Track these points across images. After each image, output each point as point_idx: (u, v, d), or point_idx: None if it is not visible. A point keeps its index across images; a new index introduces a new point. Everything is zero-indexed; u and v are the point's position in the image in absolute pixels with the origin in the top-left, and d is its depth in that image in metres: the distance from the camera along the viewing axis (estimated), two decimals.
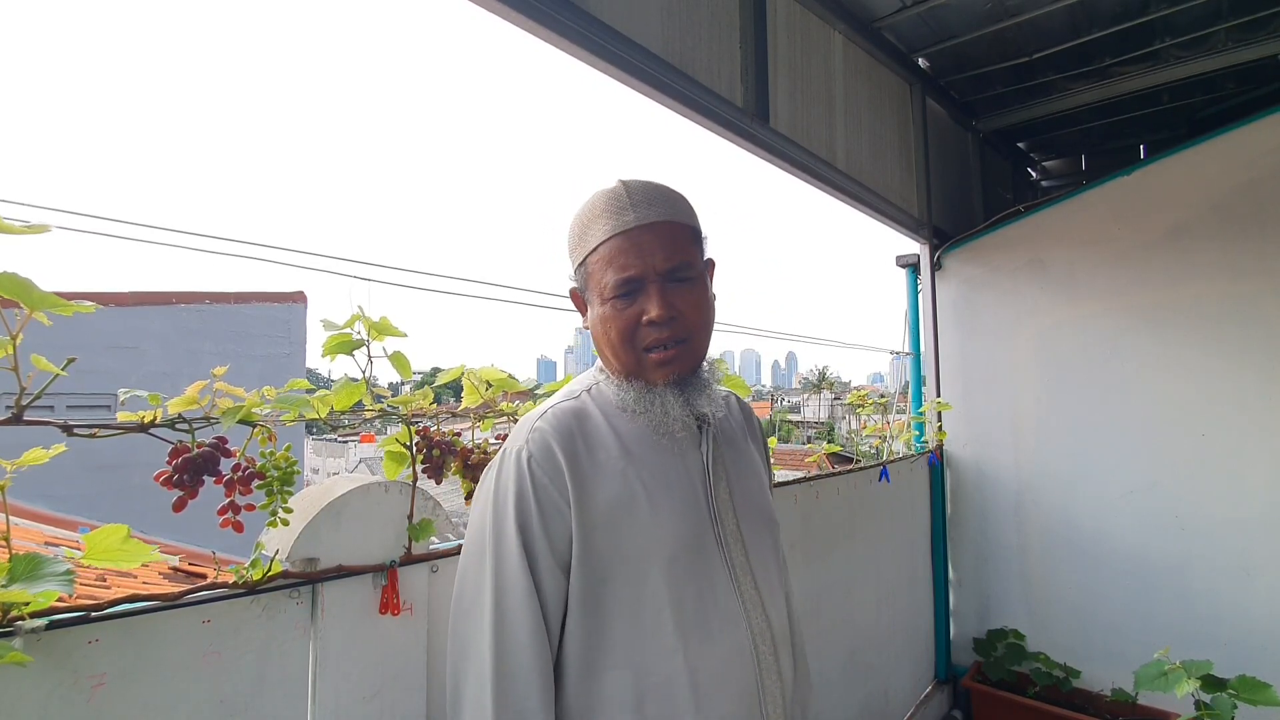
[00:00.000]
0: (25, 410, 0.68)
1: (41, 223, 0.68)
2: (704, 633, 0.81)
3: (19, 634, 0.64)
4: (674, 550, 0.81)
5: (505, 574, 0.79)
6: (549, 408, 0.87)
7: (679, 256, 0.83)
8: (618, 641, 0.80)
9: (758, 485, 0.95)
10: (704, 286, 0.88)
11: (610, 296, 0.83)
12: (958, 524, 3.06)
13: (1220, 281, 2.47)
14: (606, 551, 0.80)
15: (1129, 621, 2.58)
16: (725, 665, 0.81)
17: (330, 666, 0.86)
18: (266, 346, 6.78)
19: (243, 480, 0.82)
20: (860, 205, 2.63)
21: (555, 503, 0.80)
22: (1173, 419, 2.54)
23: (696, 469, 0.87)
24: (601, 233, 0.83)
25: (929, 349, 3.17)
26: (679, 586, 0.80)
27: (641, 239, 0.82)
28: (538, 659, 0.77)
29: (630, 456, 0.84)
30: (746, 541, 0.88)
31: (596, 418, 0.87)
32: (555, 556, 0.80)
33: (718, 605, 0.82)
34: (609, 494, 0.81)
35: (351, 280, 1.13)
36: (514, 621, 0.77)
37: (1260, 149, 2.40)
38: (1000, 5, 2.57)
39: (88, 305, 0.69)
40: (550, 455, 0.81)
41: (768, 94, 2.04)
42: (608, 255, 0.83)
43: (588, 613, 0.80)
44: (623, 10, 1.57)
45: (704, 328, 0.87)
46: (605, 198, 0.85)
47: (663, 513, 0.82)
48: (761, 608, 0.86)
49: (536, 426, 0.84)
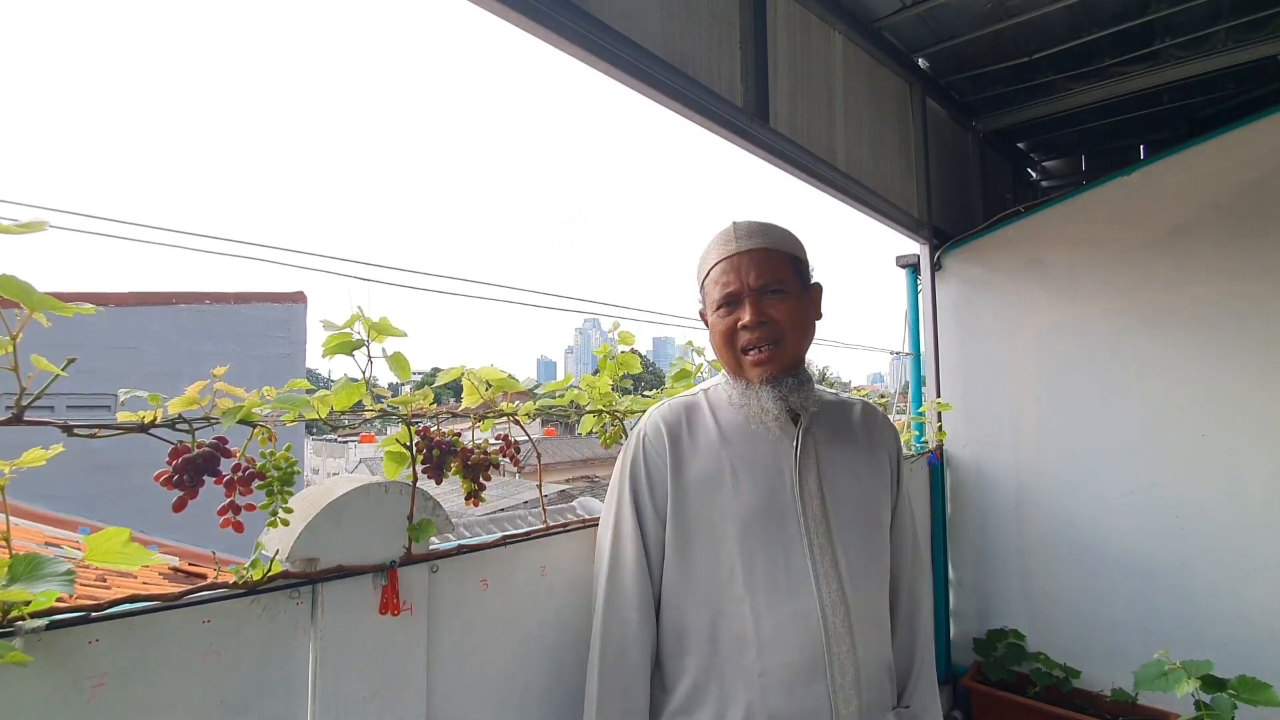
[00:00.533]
0: (25, 410, 0.68)
1: (37, 220, 0.67)
2: (772, 590, 0.97)
3: (19, 634, 0.64)
4: (748, 519, 0.99)
5: (621, 519, 1.06)
6: (669, 400, 1.13)
7: (770, 274, 1.02)
8: (700, 584, 1.01)
9: (857, 482, 1.07)
10: (797, 299, 1.05)
11: (716, 308, 1.06)
12: (958, 524, 3.06)
13: (1220, 282, 2.47)
14: (695, 512, 1.02)
15: (1129, 621, 2.58)
16: (790, 624, 0.96)
17: (330, 666, 0.86)
18: (266, 346, 6.79)
19: (243, 480, 0.82)
20: (860, 205, 2.63)
21: (659, 469, 1.05)
22: (1173, 419, 2.53)
23: (786, 458, 1.03)
24: (712, 260, 1.07)
25: (929, 349, 3.17)
26: (750, 551, 0.98)
27: (740, 262, 1.03)
28: (638, 582, 1.03)
29: (726, 442, 1.04)
30: (832, 524, 1.01)
31: (705, 410, 1.09)
32: (656, 510, 1.05)
33: (789, 573, 0.97)
34: (702, 468, 1.03)
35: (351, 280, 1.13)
36: (623, 556, 1.05)
37: (1260, 149, 2.40)
38: (1000, 5, 2.57)
39: (88, 307, 0.69)
40: (659, 433, 1.07)
41: (768, 94, 2.04)
42: (715, 276, 1.06)
43: (680, 557, 1.03)
44: (622, 10, 1.57)
45: (796, 332, 1.04)
46: (719, 235, 1.09)
47: (744, 488, 1.00)
48: (838, 584, 0.98)
49: (653, 413, 1.11)
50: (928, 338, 3.17)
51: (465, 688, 1.04)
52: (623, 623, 1.03)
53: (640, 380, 1.63)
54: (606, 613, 1.04)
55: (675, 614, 1.03)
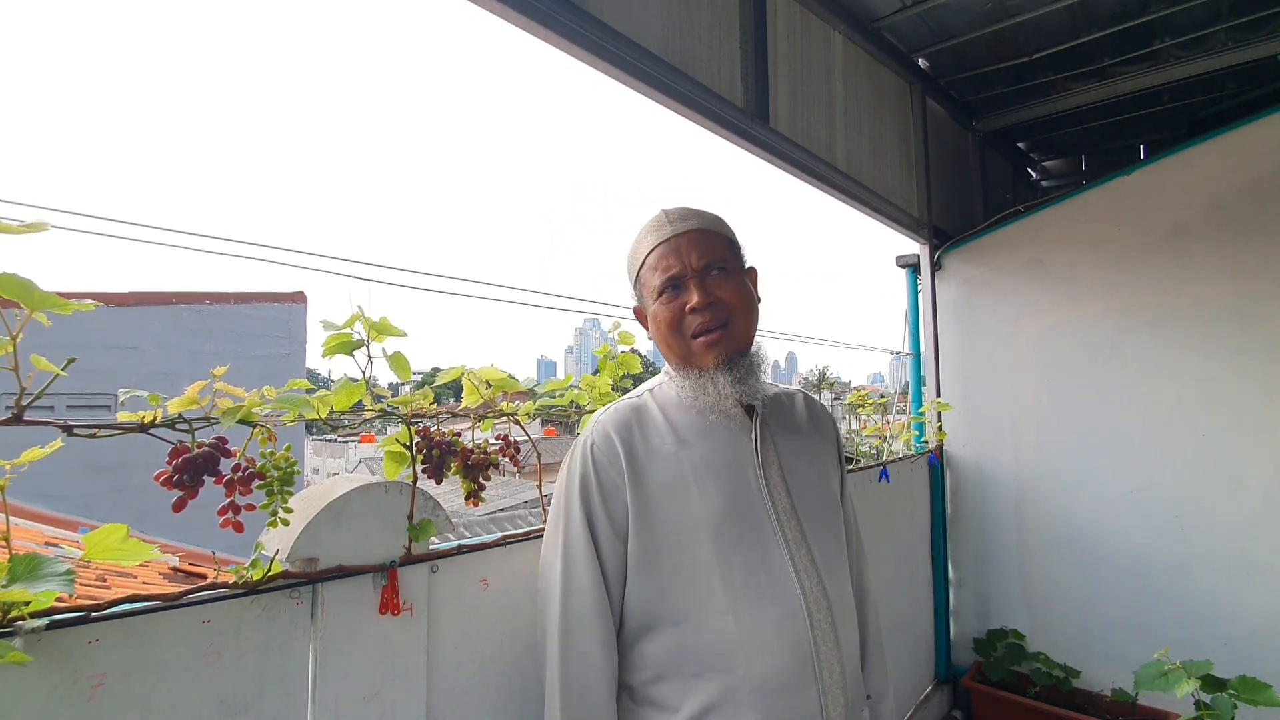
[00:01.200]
0: (25, 410, 0.68)
1: (39, 220, 0.67)
2: (754, 596, 0.90)
3: (19, 634, 0.64)
4: (719, 522, 0.92)
5: (572, 541, 0.94)
6: (614, 405, 1.03)
7: (712, 254, 0.97)
8: (675, 601, 0.92)
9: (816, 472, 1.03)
10: (740, 278, 0.99)
11: (658, 295, 0.98)
12: (958, 524, 3.06)
13: (1220, 281, 2.47)
14: (660, 521, 0.93)
15: (1129, 621, 2.58)
16: (777, 627, 0.89)
17: (330, 666, 0.86)
18: (266, 346, 6.79)
19: (243, 480, 0.82)
20: (860, 205, 2.63)
21: (614, 481, 0.94)
22: (1173, 419, 2.54)
23: (747, 453, 0.97)
24: (646, 247, 1.00)
25: (929, 349, 3.17)
26: (726, 554, 0.91)
27: (679, 244, 0.97)
28: (598, 611, 0.92)
29: (682, 443, 0.97)
30: (802, 517, 0.97)
31: (654, 412, 1.01)
32: (614, 527, 0.94)
33: (769, 572, 0.91)
34: (662, 473, 0.94)
35: (351, 280, 1.13)
36: (579, 580, 0.92)
37: (1260, 149, 2.40)
38: (1000, 5, 2.57)
39: (88, 304, 0.69)
40: (609, 441, 0.96)
41: (768, 94, 2.04)
42: (653, 262, 0.99)
43: (647, 575, 0.93)
44: (622, 10, 1.57)
45: (743, 311, 0.98)
46: (649, 223, 1.02)
47: (708, 490, 0.93)
48: (818, 577, 0.93)
49: (599, 420, 1.00)
50: (928, 338, 3.17)
51: (465, 688, 1.04)
52: (584, 658, 0.91)
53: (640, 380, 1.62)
54: (565, 649, 0.91)
55: (647, 639, 0.93)
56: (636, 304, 1.07)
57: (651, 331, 1.03)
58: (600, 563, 0.93)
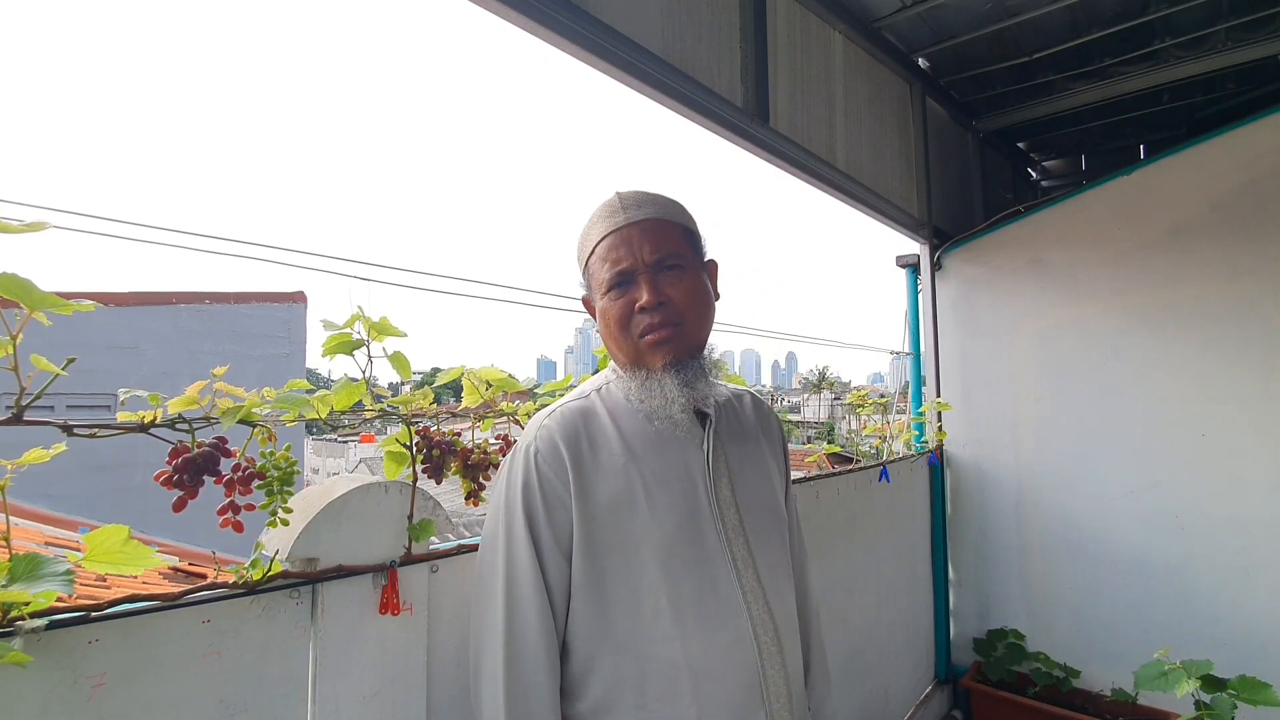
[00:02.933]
0: (25, 410, 0.68)
1: (39, 220, 0.67)
2: (702, 622, 0.84)
3: (19, 634, 0.64)
4: (670, 543, 0.85)
5: (515, 559, 0.85)
6: (558, 407, 0.93)
7: (666, 248, 0.90)
8: (619, 628, 0.85)
9: (764, 481, 0.98)
10: (695, 276, 0.92)
11: (606, 290, 0.90)
12: (958, 524, 3.06)
13: (1220, 281, 2.47)
14: (606, 542, 0.86)
15: (1129, 621, 2.58)
16: (725, 653, 0.84)
17: (330, 666, 0.86)
18: (266, 346, 6.79)
19: (243, 480, 0.82)
20: (860, 205, 2.63)
21: (558, 494, 0.86)
22: (1173, 419, 2.54)
23: (698, 466, 0.91)
24: (597, 235, 0.92)
25: (929, 349, 3.17)
26: (676, 578, 0.85)
27: (630, 234, 0.89)
28: (544, 637, 0.83)
29: (632, 455, 0.88)
30: (749, 535, 0.91)
31: (603, 417, 0.92)
32: (559, 543, 0.86)
33: (718, 596, 0.86)
34: (610, 489, 0.86)
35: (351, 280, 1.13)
36: (522, 602, 0.84)
37: (1260, 149, 2.40)
38: (1000, 5, 2.57)
39: (88, 304, 0.69)
40: (555, 450, 0.87)
41: (768, 94, 2.04)
42: (602, 253, 0.91)
43: (590, 599, 0.85)
44: (622, 10, 1.57)
45: (695, 312, 0.91)
46: (601, 207, 0.94)
47: (660, 508, 0.86)
48: (764, 599, 0.89)
49: (544, 424, 0.90)
50: (928, 338, 3.17)
51: (465, 688, 1.04)
52: (530, 689, 0.82)
53: None
54: (510, 679, 0.82)
55: (587, 665, 0.86)
56: (585, 293, 0.98)
57: (601, 326, 0.94)
58: (546, 583, 0.84)
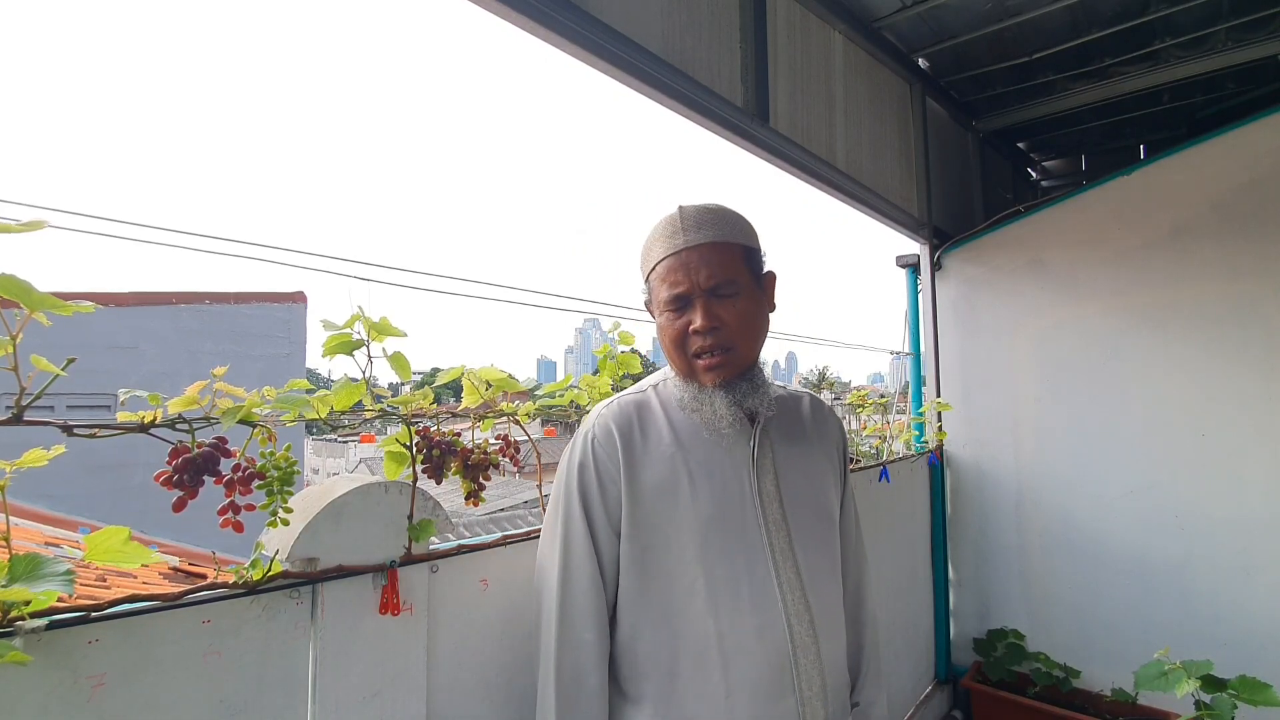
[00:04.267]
0: (25, 410, 0.68)
1: (37, 219, 0.67)
2: (735, 604, 0.91)
3: (19, 634, 0.64)
4: (708, 528, 0.93)
5: (571, 531, 0.96)
6: (617, 399, 1.04)
7: (723, 274, 0.94)
8: (658, 602, 0.93)
9: (812, 481, 1.03)
10: (750, 299, 0.97)
11: (665, 310, 0.98)
12: (958, 524, 3.06)
13: (1220, 281, 2.47)
14: (651, 522, 0.95)
15: (1129, 621, 2.58)
16: (757, 636, 0.91)
17: (330, 666, 0.86)
18: (266, 346, 6.79)
19: (243, 480, 0.82)
20: (860, 205, 2.63)
21: (611, 475, 0.96)
22: (1173, 419, 2.54)
23: (743, 461, 0.97)
24: (658, 254, 0.98)
25: (929, 349, 3.17)
26: (712, 561, 0.92)
27: (689, 259, 0.94)
28: (593, 600, 0.94)
29: (680, 445, 0.97)
30: (792, 530, 0.97)
31: (656, 410, 1.01)
32: (609, 519, 0.96)
33: (752, 582, 0.92)
34: (656, 475, 0.95)
35: (351, 280, 1.13)
36: (576, 568, 0.95)
37: (1260, 149, 2.40)
38: (1000, 5, 2.57)
39: (87, 305, 0.69)
40: (609, 436, 0.97)
41: (768, 94, 2.04)
42: (662, 273, 0.97)
43: (635, 573, 0.95)
44: (622, 10, 1.57)
45: (747, 336, 0.97)
46: (664, 223, 1.00)
47: (701, 496, 0.94)
48: (801, 591, 0.94)
49: (602, 413, 1.01)
50: (928, 338, 3.17)
51: (465, 688, 1.04)
52: (579, 646, 0.93)
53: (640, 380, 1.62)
54: (561, 634, 0.93)
55: (632, 633, 0.95)
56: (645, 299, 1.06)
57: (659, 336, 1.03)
58: (597, 553, 0.95)
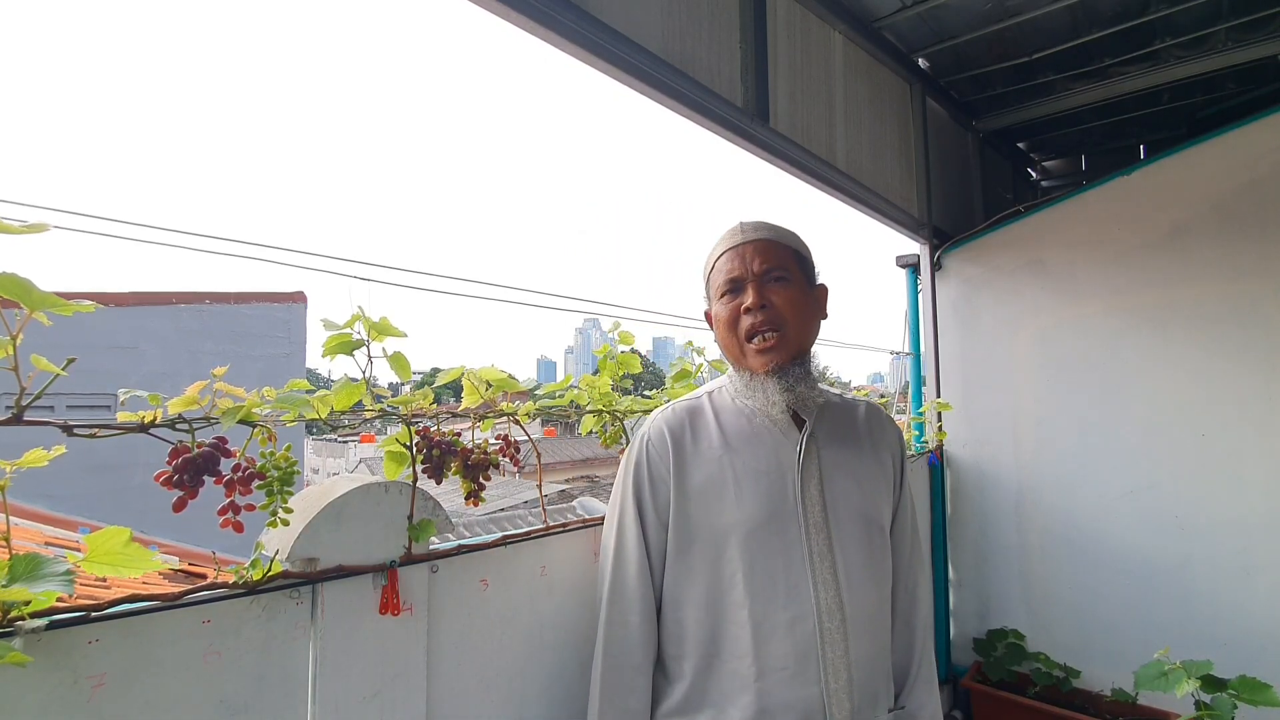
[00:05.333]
0: (25, 410, 0.68)
1: (40, 222, 0.67)
2: (770, 596, 0.99)
3: (19, 634, 0.64)
4: (751, 527, 1.00)
5: (624, 521, 1.08)
6: (671, 404, 1.14)
7: (774, 261, 1.04)
8: (700, 590, 1.02)
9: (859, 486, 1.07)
10: (800, 288, 1.06)
11: (720, 296, 1.07)
12: (958, 524, 3.06)
13: (1220, 281, 2.46)
14: (696, 520, 1.03)
15: (1129, 621, 2.58)
16: (788, 628, 0.98)
17: (330, 666, 0.86)
18: (266, 347, 6.79)
19: (243, 480, 0.82)
20: (860, 205, 2.63)
21: (661, 474, 1.06)
22: (1173, 419, 2.53)
23: (789, 463, 1.03)
24: (718, 252, 1.09)
25: (929, 349, 3.17)
26: (752, 556, 0.99)
27: (745, 250, 1.06)
28: (640, 584, 1.05)
29: (729, 448, 1.05)
30: (833, 533, 1.02)
31: (708, 415, 1.10)
32: (659, 514, 1.06)
33: (788, 579, 0.99)
34: (704, 475, 1.04)
35: (351, 280, 1.13)
36: (626, 558, 1.06)
37: (1261, 149, 2.40)
38: (1000, 5, 2.57)
39: (88, 305, 0.69)
40: (662, 439, 1.07)
41: (768, 94, 2.04)
42: (720, 266, 1.08)
43: (681, 562, 1.04)
44: (622, 10, 1.57)
45: (798, 319, 1.04)
46: (726, 231, 1.11)
47: (746, 496, 1.01)
48: (836, 592, 0.99)
49: (657, 418, 1.11)
50: (928, 338, 3.17)
51: (465, 688, 1.04)
52: (625, 625, 1.04)
53: (640, 380, 1.62)
54: (610, 614, 1.05)
55: (676, 616, 1.05)
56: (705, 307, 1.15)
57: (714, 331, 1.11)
58: (646, 544, 1.06)
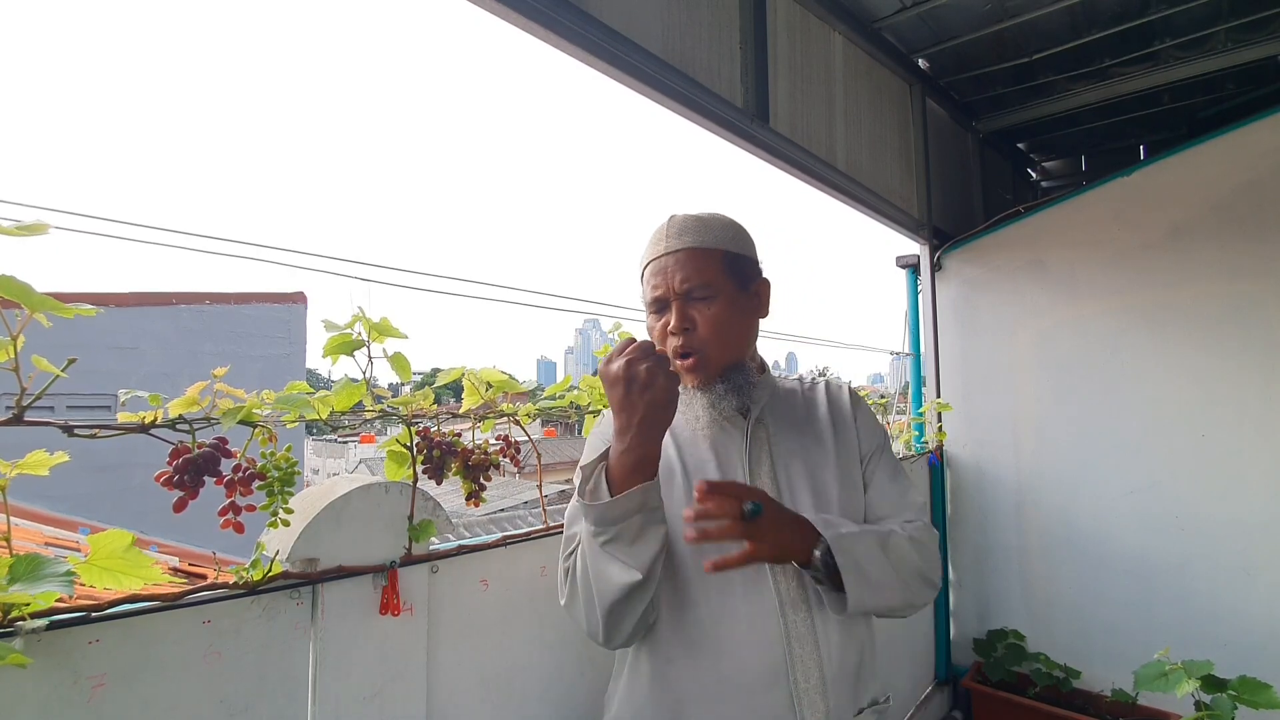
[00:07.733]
0: (26, 411, 0.68)
1: (40, 222, 0.67)
2: (727, 591, 0.92)
3: (19, 634, 0.64)
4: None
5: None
6: None
7: (697, 278, 0.96)
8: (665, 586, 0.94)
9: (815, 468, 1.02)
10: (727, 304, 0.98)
11: (649, 310, 1.03)
12: (958, 524, 3.06)
13: (1220, 282, 2.46)
14: None
15: (1129, 621, 2.58)
16: (749, 623, 0.91)
17: (330, 666, 0.86)
18: (266, 347, 6.78)
19: (243, 481, 0.82)
20: (860, 205, 2.63)
21: None
22: (1173, 419, 2.53)
23: (737, 450, 0.99)
24: (645, 259, 1.03)
25: (929, 349, 3.17)
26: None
27: (667, 264, 0.98)
28: None
29: (676, 441, 1.01)
30: None
31: None
32: None
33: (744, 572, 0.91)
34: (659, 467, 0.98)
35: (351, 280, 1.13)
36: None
37: (1260, 149, 2.40)
38: (1000, 6, 2.57)
39: (88, 308, 0.69)
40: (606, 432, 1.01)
41: (768, 94, 2.04)
42: (647, 277, 1.02)
43: None
44: (622, 11, 1.57)
45: (720, 340, 0.98)
46: (655, 230, 1.04)
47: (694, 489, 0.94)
48: (798, 579, 0.93)
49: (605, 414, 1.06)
50: (928, 338, 3.17)
51: (465, 688, 1.04)
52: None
53: None
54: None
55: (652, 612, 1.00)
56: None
57: None
58: None
